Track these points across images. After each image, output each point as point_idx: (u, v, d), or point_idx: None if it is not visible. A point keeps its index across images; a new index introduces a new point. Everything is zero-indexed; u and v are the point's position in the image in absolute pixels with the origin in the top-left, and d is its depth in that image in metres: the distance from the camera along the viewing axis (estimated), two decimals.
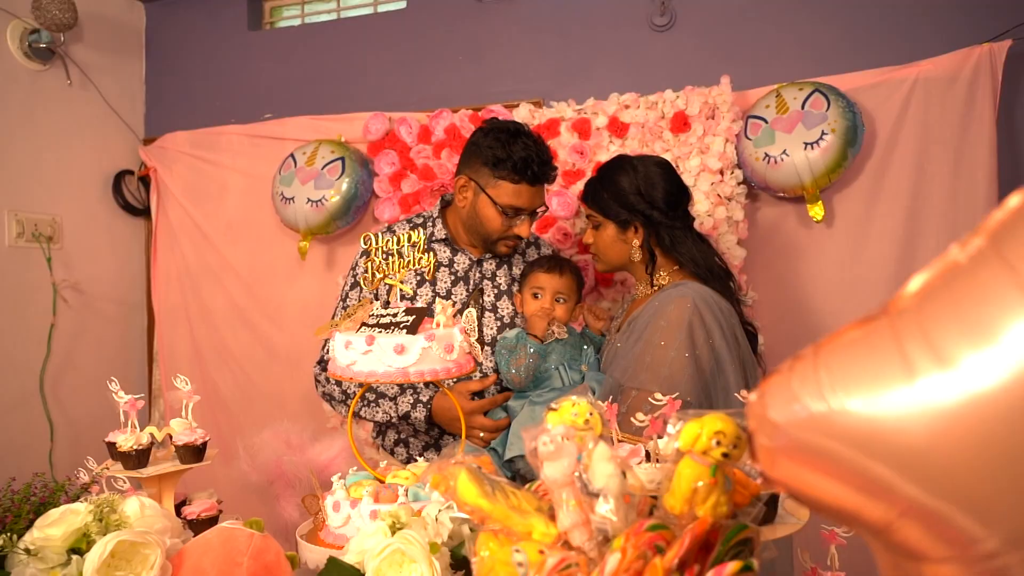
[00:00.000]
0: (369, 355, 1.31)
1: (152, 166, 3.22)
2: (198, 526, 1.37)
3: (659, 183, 1.86)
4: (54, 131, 2.99)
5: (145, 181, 3.29)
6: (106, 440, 1.38)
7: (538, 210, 1.95)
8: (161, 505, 1.39)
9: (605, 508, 0.75)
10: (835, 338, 0.52)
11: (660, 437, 1.11)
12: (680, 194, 1.90)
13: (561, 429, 0.81)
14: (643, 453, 1.16)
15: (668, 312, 1.70)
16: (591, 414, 0.93)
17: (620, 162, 1.93)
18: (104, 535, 1.01)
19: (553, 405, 0.94)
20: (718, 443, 0.78)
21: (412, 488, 1.30)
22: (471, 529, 0.91)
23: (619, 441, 1.17)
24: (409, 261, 1.45)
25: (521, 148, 1.84)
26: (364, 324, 1.39)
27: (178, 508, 1.45)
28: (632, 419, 1.06)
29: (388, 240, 1.47)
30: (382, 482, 1.37)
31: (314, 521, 1.40)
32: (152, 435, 1.40)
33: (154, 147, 3.25)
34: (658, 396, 1.19)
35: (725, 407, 1.64)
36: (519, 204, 1.89)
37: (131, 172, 3.29)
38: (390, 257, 1.46)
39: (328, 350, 1.97)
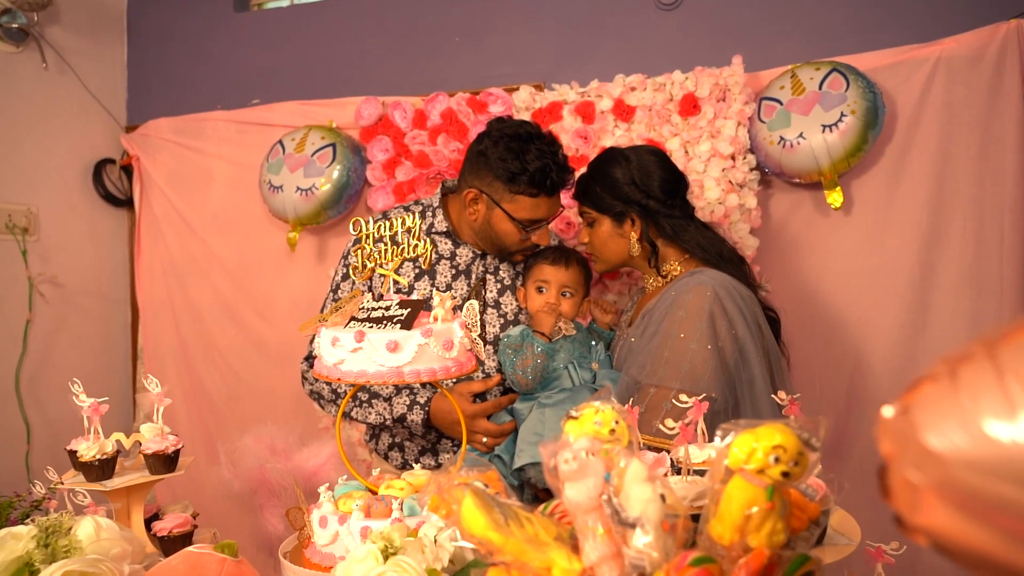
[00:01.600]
0: (359, 353, 1.18)
1: (134, 154, 3.09)
2: (169, 544, 1.23)
3: (654, 171, 1.78)
4: (29, 117, 2.84)
5: (127, 170, 3.16)
6: (67, 448, 1.24)
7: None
8: (130, 521, 1.25)
9: (643, 541, 0.61)
10: (1021, 332, 0.36)
11: (691, 443, 0.98)
12: (677, 182, 1.82)
13: (585, 443, 0.68)
14: (668, 461, 1.03)
15: (687, 302, 1.59)
16: (617, 422, 0.79)
17: (612, 154, 1.85)
18: (51, 563, 0.87)
19: (573, 413, 0.80)
20: (777, 460, 0.65)
21: (407, 501, 1.16)
22: (478, 563, 0.78)
23: (640, 447, 1.04)
24: (403, 248, 1.32)
25: (536, 156, 1.71)
26: (354, 318, 1.26)
27: (150, 522, 1.31)
28: (660, 426, 0.93)
29: (380, 226, 1.33)
30: (374, 493, 1.24)
31: (299, 537, 1.26)
32: (119, 443, 1.26)
33: (136, 134, 3.11)
34: (683, 398, 1.06)
35: (751, 402, 1.53)
36: (538, 216, 1.77)
37: (112, 161, 3.15)
38: (382, 244, 1.32)
39: (316, 346, 1.84)
